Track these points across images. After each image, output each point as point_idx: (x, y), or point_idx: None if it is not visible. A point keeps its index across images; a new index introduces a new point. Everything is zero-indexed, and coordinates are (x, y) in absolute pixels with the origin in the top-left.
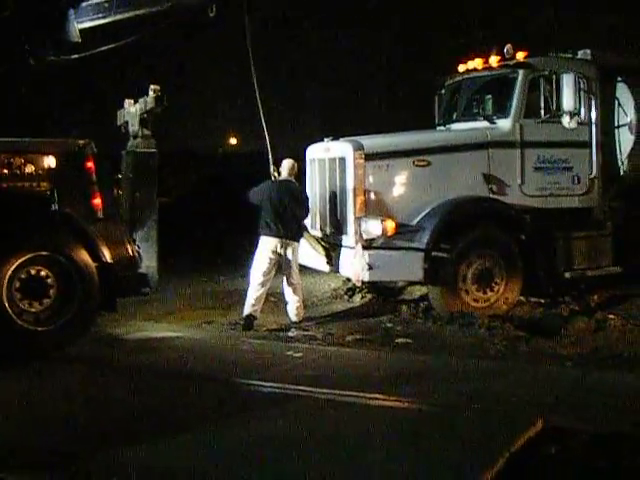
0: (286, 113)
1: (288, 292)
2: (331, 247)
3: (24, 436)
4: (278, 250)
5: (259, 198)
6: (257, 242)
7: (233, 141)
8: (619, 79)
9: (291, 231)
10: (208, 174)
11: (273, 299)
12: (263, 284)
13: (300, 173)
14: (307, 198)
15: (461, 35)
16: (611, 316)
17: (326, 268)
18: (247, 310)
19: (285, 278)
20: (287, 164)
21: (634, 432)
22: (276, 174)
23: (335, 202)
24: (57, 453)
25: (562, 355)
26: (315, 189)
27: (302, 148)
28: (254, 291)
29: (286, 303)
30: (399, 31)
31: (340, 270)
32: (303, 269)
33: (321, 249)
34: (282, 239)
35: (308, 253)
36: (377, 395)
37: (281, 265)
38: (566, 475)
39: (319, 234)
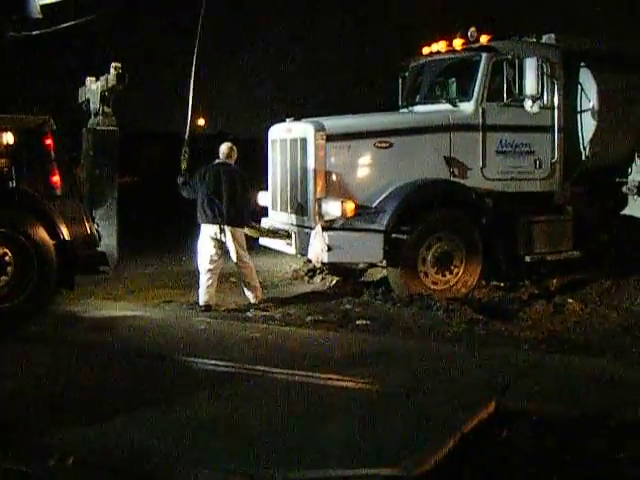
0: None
1: (241, 275)
2: (284, 233)
3: None
4: (217, 236)
5: (194, 186)
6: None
7: (201, 122)
8: (582, 64)
9: (228, 216)
10: (171, 154)
11: (233, 279)
12: (212, 271)
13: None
14: (247, 180)
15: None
16: (570, 300)
17: (287, 249)
18: (202, 299)
19: (234, 262)
20: (223, 147)
21: (584, 415)
22: (186, 155)
23: (296, 183)
24: (10, 429)
25: (519, 338)
26: (276, 170)
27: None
28: (205, 279)
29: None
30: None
31: (300, 251)
32: (264, 250)
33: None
34: (219, 225)
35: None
36: (332, 375)
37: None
38: (516, 457)
39: (281, 215)
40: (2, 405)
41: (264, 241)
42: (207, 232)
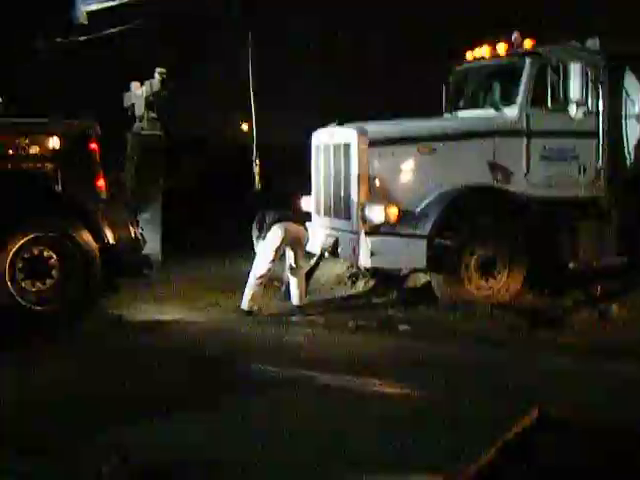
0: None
1: (290, 279)
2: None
3: (25, 419)
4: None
5: None
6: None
7: (244, 127)
8: (628, 68)
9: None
10: (221, 160)
11: (276, 283)
12: (264, 276)
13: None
14: None
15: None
16: (615, 307)
17: (329, 254)
18: (247, 304)
19: (290, 265)
20: None
21: (631, 426)
22: (257, 161)
23: (340, 188)
24: (59, 433)
25: (563, 345)
26: (320, 175)
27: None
28: (255, 283)
29: (288, 288)
30: (410, 17)
31: (344, 256)
32: (306, 254)
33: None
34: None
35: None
36: (374, 380)
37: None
38: (559, 466)
39: (325, 220)
40: (50, 410)
41: (307, 247)
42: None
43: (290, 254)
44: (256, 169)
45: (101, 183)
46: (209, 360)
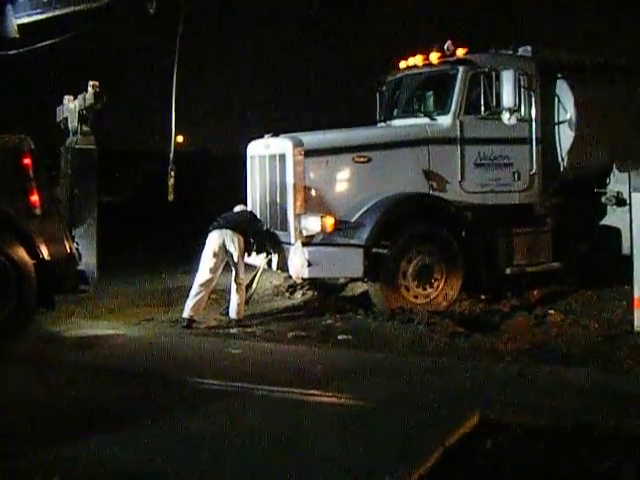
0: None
1: (231, 290)
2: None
3: None
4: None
5: None
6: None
7: (179, 139)
8: (559, 75)
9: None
10: (154, 173)
11: (214, 295)
12: (205, 284)
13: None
14: None
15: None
16: (551, 311)
17: (267, 266)
18: (187, 312)
19: (234, 275)
20: None
21: (567, 426)
22: (172, 172)
23: (275, 199)
24: None
25: (500, 350)
26: (255, 186)
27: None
28: (196, 292)
29: (228, 301)
30: (340, 26)
31: (280, 267)
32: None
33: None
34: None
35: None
36: (313, 391)
37: (228, 262)
38: (500, 470)
39: None
40: None
41: (246, 259)
42: (213, 240)
43: (234, 264)
44: (171, 180)
45: (35, 198)
46: (144, 375)
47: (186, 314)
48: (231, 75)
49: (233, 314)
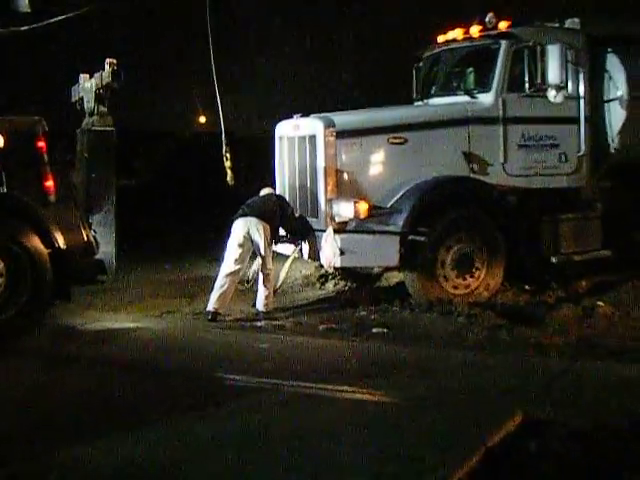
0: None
1: (260, 280)
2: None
3: None
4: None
5: None
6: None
7: (202, 119)
8: (610, 49)
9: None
10: (176, 155)
11: (240, 287)
12: (233, 274)
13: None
14: None
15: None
16: (600, 303)
17: (297, 254)
18: (212, 305)
19: (261, 264)
20: None
21: (615, 425)
22: (228, 155)
23: (305, 183)
24: (13, 447)
25: (546, 345)
26: (284, 169)
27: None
28: (222, 283)
29: (256, 292)
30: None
31: (311, 256)
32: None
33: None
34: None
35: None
36: (346, 387)
37: (254, 251)
38: (545, 470)
39: None
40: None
41: (275, 247)
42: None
43: (261, 254)
44: (227, 163)
45: (50, 183)
46: (167, 371)
47: (211, 307)
48: (257, 53)
49: (261, 306)
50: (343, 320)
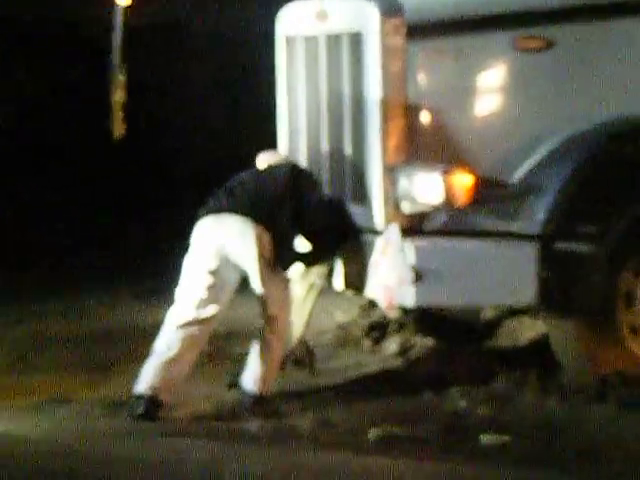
0: None
1: (260, 338)
2: None
3: None
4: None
5: None
6: None
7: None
8: None
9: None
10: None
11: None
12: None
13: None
14: None
15: None
16: None
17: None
18: (145, 384)
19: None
20: None
21: None
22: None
23: (340, 132)
24: None
25: None
26: (296, 103)
27: None
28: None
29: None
30: None
31: (355, 285)
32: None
33: None
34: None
35: None
36: None
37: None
38: None
39: None
40: None
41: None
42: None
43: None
44: (117, 96)
45: None
46: None
47: (146, 388)
48: None
49: (252, 385)
50: (419, 418)
